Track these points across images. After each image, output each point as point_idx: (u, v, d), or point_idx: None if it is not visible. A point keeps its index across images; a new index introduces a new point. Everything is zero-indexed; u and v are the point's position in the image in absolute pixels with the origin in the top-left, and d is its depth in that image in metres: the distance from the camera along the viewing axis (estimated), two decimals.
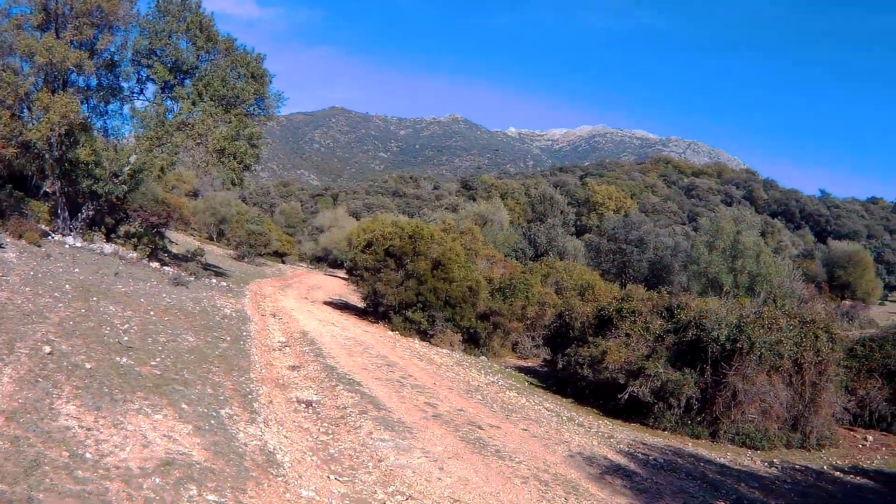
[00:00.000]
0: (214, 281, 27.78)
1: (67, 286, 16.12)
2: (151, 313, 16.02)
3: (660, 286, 30.70)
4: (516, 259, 45.64)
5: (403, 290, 25.15)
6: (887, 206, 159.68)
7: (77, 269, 19.18)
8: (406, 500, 8.73)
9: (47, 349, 10.55)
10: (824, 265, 67.61)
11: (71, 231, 25.87)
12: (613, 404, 18.30)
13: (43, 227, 24.45)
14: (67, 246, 23.39)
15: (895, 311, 66.50)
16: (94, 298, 15.63)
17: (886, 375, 22.35)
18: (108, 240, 27.62)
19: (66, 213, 26.15)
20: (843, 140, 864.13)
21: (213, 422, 9.79)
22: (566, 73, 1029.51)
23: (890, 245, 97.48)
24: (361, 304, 29.60)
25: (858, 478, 16.00)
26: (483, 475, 10.26)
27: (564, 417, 16.55)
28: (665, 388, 17.20)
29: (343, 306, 31.10)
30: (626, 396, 17.74)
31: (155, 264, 26.09)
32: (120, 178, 26.91)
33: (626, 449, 14.25)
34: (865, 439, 20.61)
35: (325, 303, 31.51)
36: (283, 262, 61.88)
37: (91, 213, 26.97)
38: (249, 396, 11.68)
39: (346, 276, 33.07)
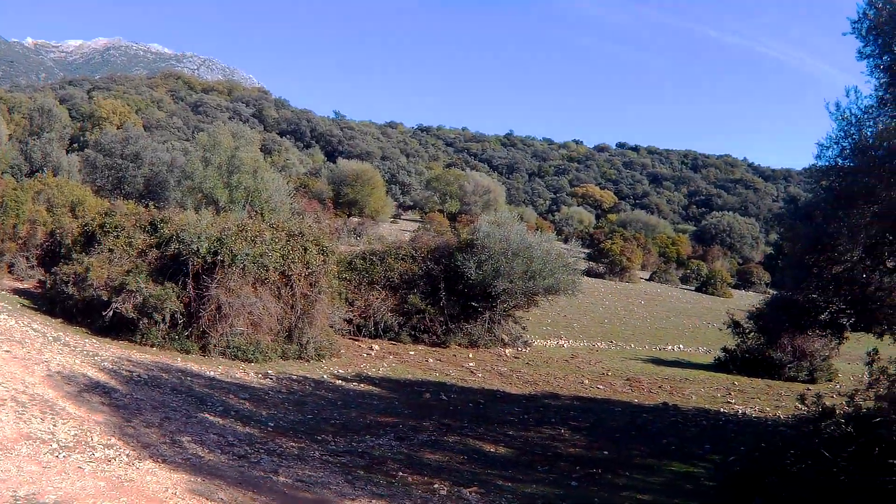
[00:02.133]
0: None
1: None
2: None
3: (156, 202, 31.79)
4: (13, 176, 43.55)
5: None
6: (406, 130, 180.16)
7: None
8: None
9: None
10: (331, 183, 74.02)
11: None
12: (101, 322, 19.01)
13: None
14: None
15: (408, 228, 75.02)
16: None
17: (390, 287, 25.87)
18: None
19: None
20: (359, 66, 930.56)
21: None
22: None
23: (405, 167, 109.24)
24: None
25: (363, 385, 18.76)
26: None
27: (51, 337, 16.74)
28: (147, 304, 18.45)
29: None
30: (111, 313, 18.61)
31: None
32: None
33: (110, 367, 15.07)
34: (371, 348, 24.00)
35: None
36: None
37: None
38: None
39: None
